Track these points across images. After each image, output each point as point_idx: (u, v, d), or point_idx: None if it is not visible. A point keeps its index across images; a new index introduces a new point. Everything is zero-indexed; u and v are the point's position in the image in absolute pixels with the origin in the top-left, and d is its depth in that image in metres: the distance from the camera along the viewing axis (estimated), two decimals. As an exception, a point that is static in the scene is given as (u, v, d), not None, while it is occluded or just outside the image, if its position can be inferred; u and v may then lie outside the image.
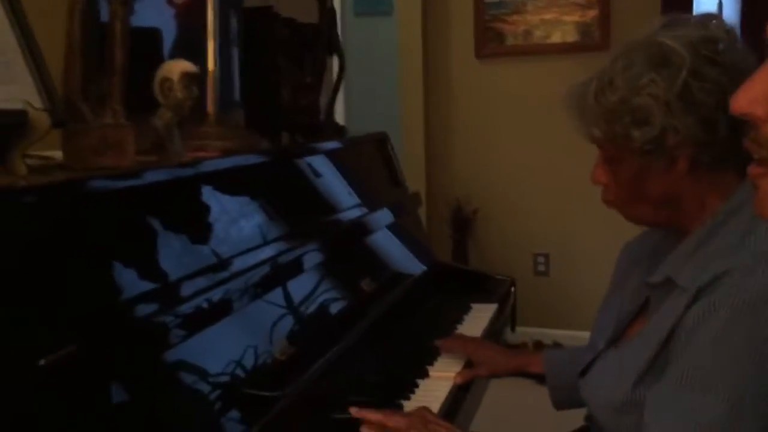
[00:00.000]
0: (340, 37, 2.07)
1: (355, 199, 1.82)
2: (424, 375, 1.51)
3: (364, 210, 1.81)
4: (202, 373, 1.06)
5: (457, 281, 2.14)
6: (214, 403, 1.06)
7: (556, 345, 3.45)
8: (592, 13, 3.48)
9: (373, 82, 3.90)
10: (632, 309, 1.23)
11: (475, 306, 2.00)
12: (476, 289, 2.12)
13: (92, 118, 1.09)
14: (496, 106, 3.65)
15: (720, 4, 3.46)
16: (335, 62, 2.10)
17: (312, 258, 1.43)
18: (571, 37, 3.51)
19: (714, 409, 0.95)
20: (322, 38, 1.96)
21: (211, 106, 1.46)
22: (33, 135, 0.99)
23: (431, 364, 1.57)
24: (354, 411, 1.22)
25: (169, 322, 1.01)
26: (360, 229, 1.75)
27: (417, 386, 1.45)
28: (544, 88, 3.59)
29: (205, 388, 1.06)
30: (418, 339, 1.70)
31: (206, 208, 1.22)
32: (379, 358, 1.56)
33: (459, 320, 1.87)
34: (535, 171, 3.65)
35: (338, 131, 2.03)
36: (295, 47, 1.84)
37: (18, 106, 1.00)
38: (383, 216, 1.87)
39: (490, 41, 3.62)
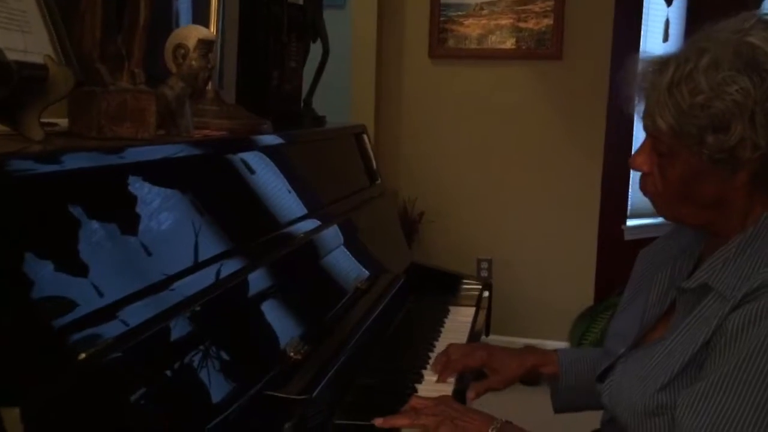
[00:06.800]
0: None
1: (336, 194, 1.73)
2: (420, 379, 1.44)
3: (347, 206, 1.72)
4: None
5: (428, 281, 2.08)
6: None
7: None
8: (547, 22, 3.49)
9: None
10: (656, 313, 1.20)
11: (453, 309, 1.95)
12: (447, 291, 2.08)
13: (110, 80, 0.97)
14: (446, 108, 3.61)
15: (667, 21, 3.55)
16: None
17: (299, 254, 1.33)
18: (525, 44, 3.51)
19: (746, 415, 0.95)
20: (307, 22, 1.86)
21: (211, 82, 1.34)
22: (53, 94, 0.86)
23: (424, 367, 1.50)
24: (378, 421, 1.14)
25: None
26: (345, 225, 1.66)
27: (416, 391, 1.38)
28: (496, 93, 3.58)
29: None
30: (407, 342, 1.63)
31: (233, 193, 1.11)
32: (372, 362, 1.48)
33: (441, 323, 1.81)
34: (481, 176, 3.62)
35: (317, 120, 1.93)
36: (284, 29, 1.73)
37: (35, 59, 0.87)
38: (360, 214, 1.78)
39: (444, 42, 3.58)
